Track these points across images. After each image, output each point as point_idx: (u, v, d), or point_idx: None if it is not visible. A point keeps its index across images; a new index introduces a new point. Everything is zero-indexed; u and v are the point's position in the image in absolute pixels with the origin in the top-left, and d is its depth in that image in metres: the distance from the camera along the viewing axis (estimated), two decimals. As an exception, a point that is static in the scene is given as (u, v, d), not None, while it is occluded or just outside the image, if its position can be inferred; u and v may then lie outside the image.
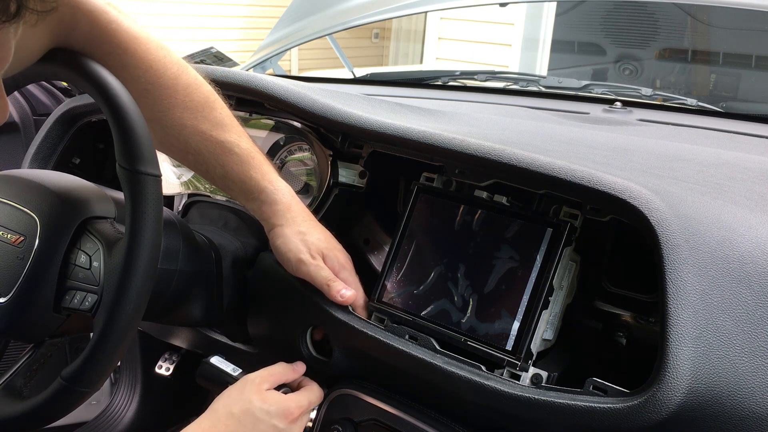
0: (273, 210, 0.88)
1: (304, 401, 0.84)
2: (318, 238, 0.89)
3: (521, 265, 0.82)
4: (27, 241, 0.77)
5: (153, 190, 0.70)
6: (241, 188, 0.87)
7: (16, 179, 0.82)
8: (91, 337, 0.70)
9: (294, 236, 0.87)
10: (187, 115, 0.81)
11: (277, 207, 0.88)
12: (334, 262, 0.88)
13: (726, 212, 0.77)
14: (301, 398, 0.84)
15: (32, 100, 1.60)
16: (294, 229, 0.88)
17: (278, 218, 0.88)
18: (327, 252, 0.88)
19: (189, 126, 0.81)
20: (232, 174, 0.86)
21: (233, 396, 0.80)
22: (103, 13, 0.73)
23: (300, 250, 0.87)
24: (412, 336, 0.86)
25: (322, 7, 2.01)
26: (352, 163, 1.00)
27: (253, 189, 0.87)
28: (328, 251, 0.88)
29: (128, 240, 0.69)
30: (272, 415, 0.79)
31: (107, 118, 0.70)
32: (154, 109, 0.79)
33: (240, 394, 0.80)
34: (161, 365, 1.35)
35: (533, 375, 0.78)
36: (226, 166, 0.85)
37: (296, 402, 0.83)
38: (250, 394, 0.79)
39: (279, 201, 0.88)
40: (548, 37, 4.38)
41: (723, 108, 1.65)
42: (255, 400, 0.79)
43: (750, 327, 0.69)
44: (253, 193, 0.87)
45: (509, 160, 0.81)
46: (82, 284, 0.76)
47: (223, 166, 0.85)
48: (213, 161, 0.85)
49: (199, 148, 0.84)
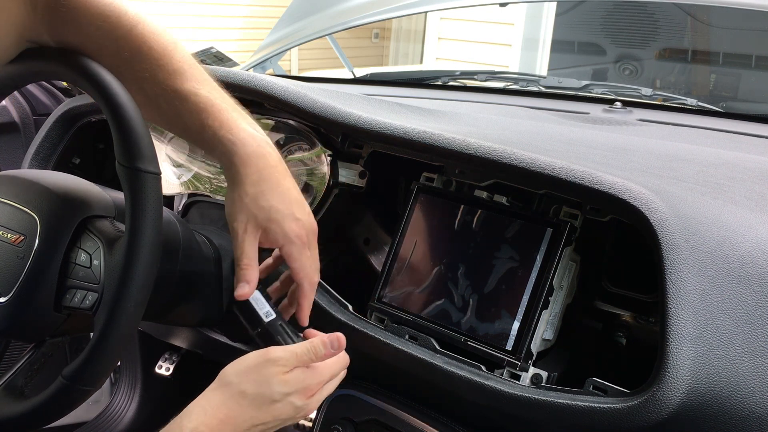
0: (229, 165, 0.77)
1: (326, 375, 0.76)
2: (269, 205, 0.76)
3: (521, 265, 0.82)
4: (27, 241, 0.77)
5: (153, 187, 0.70)
6: (200, 140, 0.78)
7: (16, 179, 0.82)
8: (91, 336, 0.70)
9: (236, 200, 0.77)
10: (144, 66, 0.75)
11: (233, 160, 0.76)
12: (277, 236, 0.77)
13: (726, 212, 0.77)
14: (324, 373, 0.76)
15: (32, 100, 1.61)
16: (239, 192, 0.76)
17: (231, 175, 0.77)
18: (270, 224, 0.77)
19: (147, 77, 0.75)
20: (190, 125, 0.77)
21: (250, 374, 0.72)
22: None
23: (233, 217, 0.77)
24: (412, 336, 0.86)
25: (322, 7, 2.01)
26: (352, 163, 1.00)
27: (210, 140, 0.77)
28: (272, 222, 0.77)
29: (128, 237, 0.69)
30: (290, 395, 0.72)
31: (106, 117, 0.70)
32: (112, 63, 0.74)
33: (258, 374, 0.72)
34: (161, 365, 1.35)
35: (533, 375, 0.78)
36: (184, 117, 0.77)
37: (318, 379, 0.75)
38: (270, 378, 0.72)
39: (236, 153, 0.76)
40: (548, 37, 4.38)
41: (723, 108, 1.65)
42: (275, 383, 0.72)
43: (750, 327, 0.69)
44: (211, 144, 0.77)
45: (509, 160, 0.81)
46: (83, 283, 0.76)
47: (180, 116, 0.77)
48: (171, 112, 0.77)
49: (157, 100, 0.76)
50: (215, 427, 0.68)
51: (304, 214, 0.79)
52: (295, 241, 0.77)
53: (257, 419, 0.70)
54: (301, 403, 0.73)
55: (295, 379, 0.73)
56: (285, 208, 0.77)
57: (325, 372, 0.76)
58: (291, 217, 0.77)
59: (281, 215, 0.76)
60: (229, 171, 0.77)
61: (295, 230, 0.77)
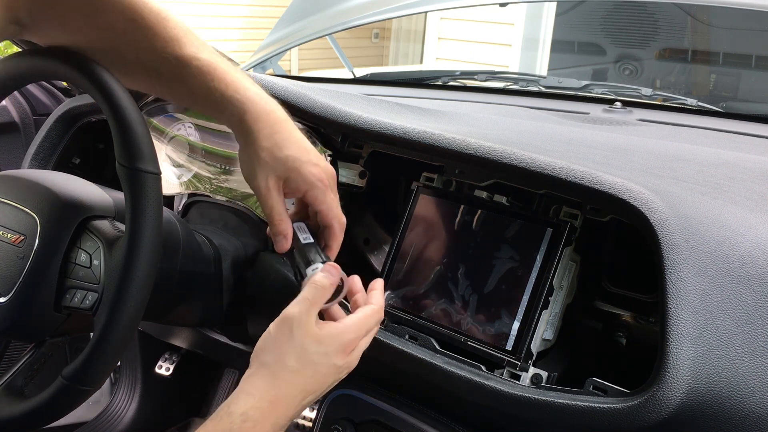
0: (240, 124, 0.76)
1: (362, 327, 0.72)
2: (285, 155, 0.75)
3: (521, 265, 0.82)
4: (27, 241, 0.77)
5: (153, 187, 0.70)
6: (207, 103, 0.77)
7: (16, 179, 0.82)
8: (91, 336, 0.70)
9: (252, 157, 0.76)
10: (139, 36, 0.74)
11: (244, 119, 0.75)
12: (299, 183, 0.76)
13: (726, 212, 0.77)
14: (359, 325, 0.72)
15: (32, 100, 1.60)
16: (254, 148, 0.75)
17: (243, 134, 0.76)
18: (291, 173, 0.76)
19: (145, 47, 0.74)
20: (195, 90, 0.76)
21: (283, 346, 0.69)
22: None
23: (253, 176, 0.76)
24: (412, 336, 0.86)
25: (322, 7, 2.01)
26: (352, 163, 1.00)
27: (218, 102, 0.76)
28: (292, 171, 0.76)
29: (128, 238, 0.69)
30: (330, 355, 0.69)
31: (106, 117, 0.70)
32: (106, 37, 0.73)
33: (290, 341, 0.69)
34: (161, 365, 1.35)
35: (533, 375, 0.78)
36: (188, 82, 0.76)
37: (355, 332, 0.71)
38: (303, 339, 0.68)
39: (246, 111, 0.75)
40: (548, 37, 4.38)
41: (723, 108, 1.65)
42: (309, 344, 0.68)
43: (750, 327, 0.69)
44: (220, 106, 0.76)
45: (509, 160, 0.81)
46: (83, 283, 0.76)
47: (184, 82, 0.76)
48: (174, 80, 0.76)
49: (158, 69, 0.76)
50: (266, 409, 0.66)
51: (320, 159, 0.78)
52: (318, 184, 0.76)
53: (305, 390, 0.68)
54: (342, 362, 0.70)
55: (329, 336, 0.70)
56: (302, 155, 0.76)
57: (361, 326, 0.73)
58: (310, 163, 0.76)
59: (300, 162, 0.76)
60: (241, 130, 0.76)
61: (316, 174, 0.76)
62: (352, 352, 0.72)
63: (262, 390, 0.67)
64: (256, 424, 0.64)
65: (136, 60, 0.75)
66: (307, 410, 1.20)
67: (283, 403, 0.67)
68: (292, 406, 0.68)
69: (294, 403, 0.68)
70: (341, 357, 0.70)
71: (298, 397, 0.68)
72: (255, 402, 0.66)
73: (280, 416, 0.67)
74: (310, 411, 1.19)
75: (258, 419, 0.65)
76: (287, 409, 0.67)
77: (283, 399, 0.67)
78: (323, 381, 0.70)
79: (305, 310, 0.69)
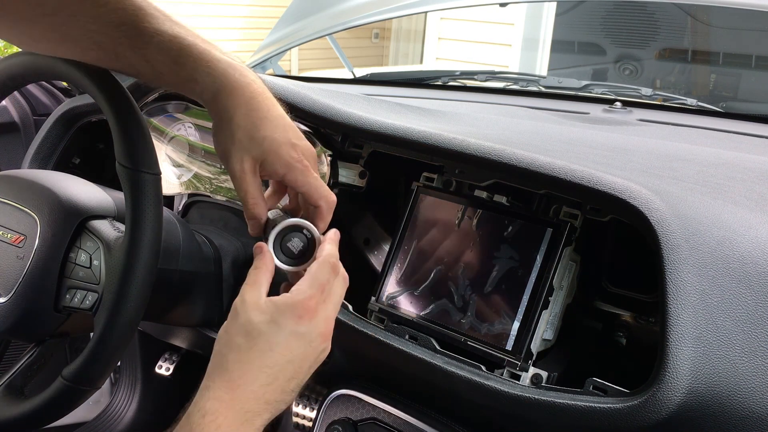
0: (213, 101, 0.69)
1: (313, 286, 0.64)
2: (262, 136, 0.69)
3: (521, 265, 0.82)
4: (27, 241, 0.77)
5: (153, 188, 0.70)
6: (176, 82, 0.70)
7: (16, 179, 0.82)
8: (91, 336, 0.70)
9: (227, 137, 0.70)
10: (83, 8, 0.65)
11: (218, 97, 0.69)
12: (276, 166, 0.70)
13: (726, 212, 0.77)
14: (308, 284, 0.64)
15: (32, 100, 1.60)
16: (231, 128, 0.69)
17: (217, 113, 0.70)
18: (268, 155, 0.70)
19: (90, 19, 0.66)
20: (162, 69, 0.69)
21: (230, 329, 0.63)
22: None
23: (228, 156, 0.70)
24: (412, 336, 0.86)
25: (322, 7, 2.01)
26: (352, 163, 1.00)
27: (187, 80, 0.69)
28: (269, 153, 0.70)
29: (128, 238, 0.69)
30: (282, 323, 0.62)
31: (107, 117, 0.70)
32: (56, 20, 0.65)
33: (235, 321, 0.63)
34: (161, 365, 1.35)
35: (533, 375, 0.78)
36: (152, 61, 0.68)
37: (305, 292, 0.63)
38: (246, 314, 0.63)
39: (220, 88, 0.69)
40: (548, 37, 4.38)
41: (723, 108, 1.65)
42: (253, 315, 0.62)
43: (750, 327, 0.69)
44: (190, 85, 0.69)
45: (509, 160, 0.81)
46: (83, 283, 0.76)
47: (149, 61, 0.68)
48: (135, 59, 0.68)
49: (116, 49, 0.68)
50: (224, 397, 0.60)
51: (299, 138, 0.72)
52: (296, 166, 0.70)
53: (266, 365, 0.61)
54: (304, 328, 0.62)
55: (274, 303, 0.63)
56: (281, 136, 0.70)
57: (313, 284, 0.64)
58: (288, 144, 0.70)
59: (277, 144, 0.70)
60: (215, 108, 0.70)
61: (295, 156, 0.70)
62: (313, 317, 0.63)
63: (217, 379, 0.61)
64: (218, 415, 0.58)
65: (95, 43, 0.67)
66: (307, 410, 1.20)
67: (241, 386, 0.60)
68: (256, 387, 0.60)
69: (257, 383, 0.61)
70: (298, 323, 0.62)
71: (260, 376, 0.61)
72: (211, 393, 0.60)
73: (245, 400, 0.60)
74: (310, 411, 1.19)
75: (218, 410, 0.59)
76: (251, 392, 0.60)
77: (240, 381, 0.60)
78: (285, 353, 0.62)
79: (245, 290, 0.64)
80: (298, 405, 1.21)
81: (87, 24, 0.66)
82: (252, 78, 0.71)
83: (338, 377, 0.92)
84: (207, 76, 0.68)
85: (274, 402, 0.62)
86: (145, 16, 0.67)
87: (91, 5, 0.65)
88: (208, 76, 0.68)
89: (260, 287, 0.65)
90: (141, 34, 0.67)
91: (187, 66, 0.69)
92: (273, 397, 0.61)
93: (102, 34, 0.67)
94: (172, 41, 0.68)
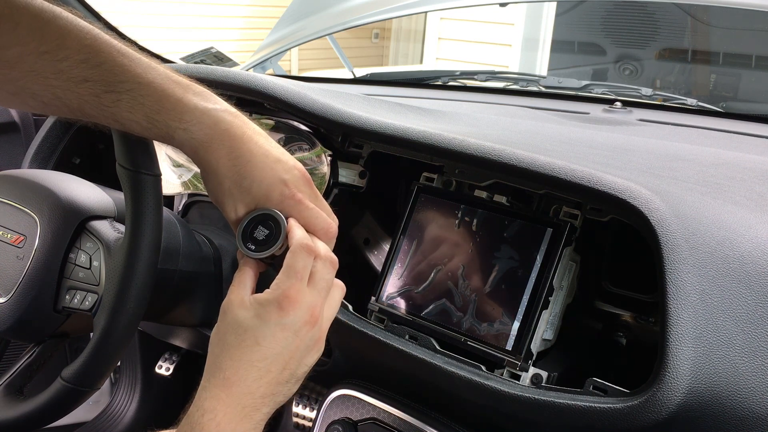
0: (194, 155, 0.67)
1: (291, 275, 0.64)
2: (249, 185, 0.67)
3: (521, 265, 0.82)
4: (27, 241, 0.77)
5: (153, 189, 0.70)
6: (153, 137, 0.67)
7: (16, 179, 0.82)
8: (91, 337, 0.70)
9: (216, 187, 0.68)
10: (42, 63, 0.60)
11: (197, 151, 0.66)
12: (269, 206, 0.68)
13: (726, 212, 0.77)
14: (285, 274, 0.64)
15: (32, 100, 1.60)
16: (217, 179, 0.67)
17: (200, 165, 0.67)
18: (259, 201, 0.68)
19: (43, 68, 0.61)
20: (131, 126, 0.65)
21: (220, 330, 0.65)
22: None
23: (220, 204, 0.69)
24: (412, 336, 0.86)
25: (322, 7, 2.01)
26: (352, 163, 1.00)
27: (162, 136, 0.66)
28: (259, 199, 0.68)
29: (128, 239, 0.69)
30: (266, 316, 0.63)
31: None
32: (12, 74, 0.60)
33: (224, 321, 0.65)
34: (161, 365, 1.35)
35: (533, 375, 0.78)
36: (120, 119, 0.65)
37: (284, 283, 0.64)
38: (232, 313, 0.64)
39: (197, 144, 0.65)
40: (548, 37, 4.38)
41: (723, 108, 1.65)
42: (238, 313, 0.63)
43: (750, 327, 0.69)
44: (165, 139, 0.66)
45: (509, 160, 0.81)
46: (82, 284, 0.76)
47: (118, 119, 0.65)
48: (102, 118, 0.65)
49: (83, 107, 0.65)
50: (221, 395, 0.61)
51: (289, 171, 0.69)
52: (289, 203, 0.68)
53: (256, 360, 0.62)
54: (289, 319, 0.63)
55: (256, 299, 0.64)
56: (269, 177, 0.68)
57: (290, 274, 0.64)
58: (278, 182, 0.68)
59: (266, 186, 0.68)
60: (197, 160, 0.67)
61: (287, 193, 0.68)
62: (296, 307, 0.63)
63: (212, 378, 0.63)
64: (216, 413, 0.60)
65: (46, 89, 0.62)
66: (307, 410, 1.20)
67: (235, 383, 0.61)
68: (249, 382, 0.62)
69: (250, 379, 0.62)
70: (281, 314, 0.63)
71: (251, 372, 0.62)
72: (208, 392, 0.62)
73: (241, 397, 0.61)
74: (310, 411, 1.19)
75: (216, 407, 0.61)
76: (245, 387, 0.62)
77: (234, 379, 0.62)
78: (273, 346, 0.62)
79: (231, 290, 0.66)
80: (297, 405, 1.21)
81: (48, 80, 0.62)
82: (229, 120, 0.67)
83: (338, 377, 0.92)
84: (183, 132, 0.65)
85: (270, 395, 0.63)
86: (113, 66, 0.63)
87: (50, 60, 0.61)
88: (185, 132, 0.65)
89: (245, 286, 0.66)
90: (109, 90, 0.63)
91: (160, 123, 0.65)
92: (268, 390, 0.63)
93: (66, 90, 0.63)
94: (144, 95, 0.64)
